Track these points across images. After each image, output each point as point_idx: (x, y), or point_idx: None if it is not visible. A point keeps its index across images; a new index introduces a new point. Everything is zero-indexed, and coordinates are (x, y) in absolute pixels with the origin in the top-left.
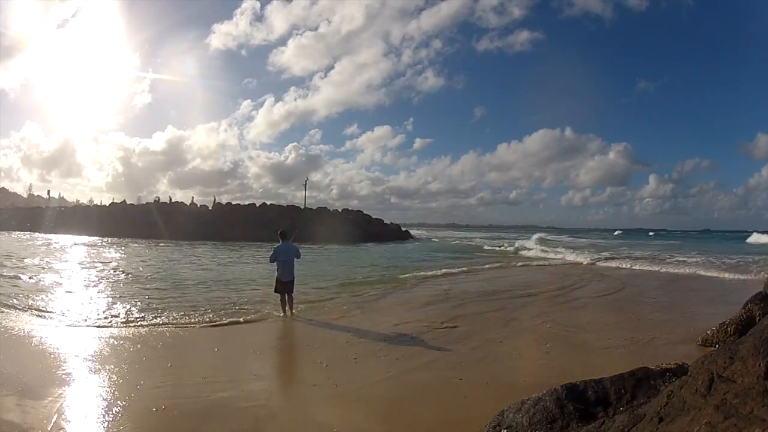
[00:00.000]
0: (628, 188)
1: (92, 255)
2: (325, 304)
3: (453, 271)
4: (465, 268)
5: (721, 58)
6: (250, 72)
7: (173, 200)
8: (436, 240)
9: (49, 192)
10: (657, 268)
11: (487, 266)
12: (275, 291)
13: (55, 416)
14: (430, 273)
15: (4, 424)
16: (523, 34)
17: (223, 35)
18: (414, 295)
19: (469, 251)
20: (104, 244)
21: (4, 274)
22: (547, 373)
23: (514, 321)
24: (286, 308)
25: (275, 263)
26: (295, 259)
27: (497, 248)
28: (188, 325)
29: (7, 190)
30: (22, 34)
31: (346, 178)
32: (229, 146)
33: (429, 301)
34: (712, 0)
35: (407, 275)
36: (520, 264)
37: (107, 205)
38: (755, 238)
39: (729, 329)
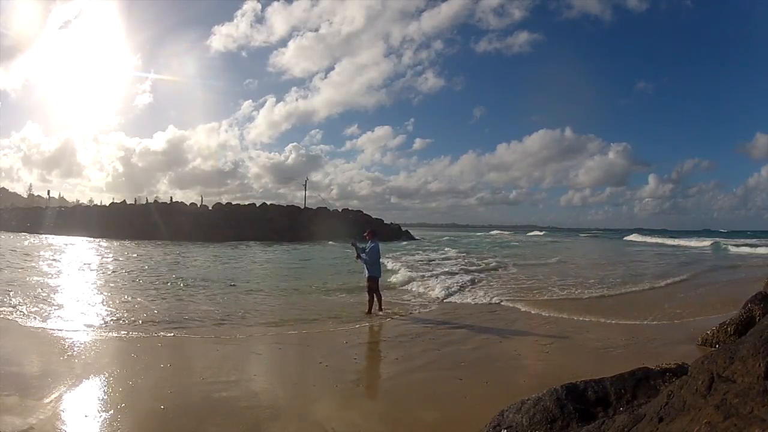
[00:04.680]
0: (627, 188)
1: (92, 256)
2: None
3: None
4: None
5: (720, 58)
6: (251, 73)
7: (173, 200)
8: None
9: (49, 192)
10: None
11: None
12: (370, 290)
13: (56, 416)
14: None
15: (5, 424)
16: (523, 35)
17: (223, 37)
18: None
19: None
20: (104, 245)
21: (4, 275)
22: (547, 373)
23: (515, 321)
24: (374, 306)
25: (364, 262)
26: None
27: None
28: (188, 327)
29: (7, 190)
30: (23, 35)
31: (346, 178)
32: (230, 146)
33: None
34: (711, 1)
35: None
36: None
37: (107, 205)
38: (633, 237)
39: (729, 329)
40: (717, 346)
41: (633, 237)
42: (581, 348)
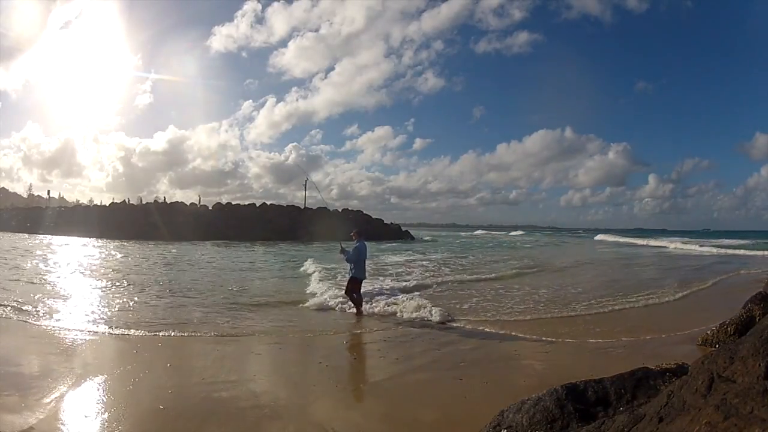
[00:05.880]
0: (627, 188)
1: (91, 256)
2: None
3: None
4: None
5: (720, 58)
6: (251, 73)
7: (174, 200)
8: None
9: (49, 192)
10: None
11: None
12: (349, 292)
13: (56, 416)
14: None
15: (5, 424)
16: (523, 35)
17: (223, 37)
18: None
19: None
20: (103, 245)
21: (4, 275)
22: (547, 373)
23: (515, 320)
24: (359, 307)
25: (349, 263)
26: None
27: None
28: (188, 327)
29: (7, 190)
30: (24, 35)
31: (346, 178)
32: (230, 146)
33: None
34: (711, 1)
35: None
36: None
37: (107, 205)
38: (600, 237)
39: (729, 329)
40: (717, 346)
41: (601, 237)
42: (581, 348)
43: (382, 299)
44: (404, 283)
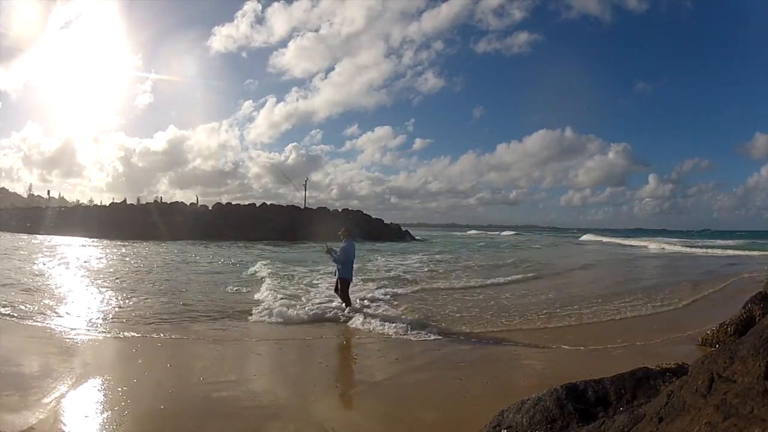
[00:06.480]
0: (627, 188)
1: (91, 256)
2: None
3: None
4: None
5: (719, 59)
6: (251, 73)
7: (173, 200)
8: None
9: (49, 192)
10: None
11: None
12: (338, 291)
13: (56, 416)
14: None
15: (5, 424)
16: (523, 35)
17: (223, 37)
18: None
19: None
20: (104, 245)
21: (4, 275)
22: (547, 373)
23: (515, 320)
24: (347, 307)
25: (336, 264)
26: None
27: None
28: (188, 327)
29: (7, 190)
30: (24, 36)
31: (346, 178)
32: (230, 146)
33: (429, 300)
34: (711, 1)
35: None
36: None
37: (107, 205)
38: (586, 237)
39: (729, 329)
40: (717, 346)
41: (588, 237)
42: (581, 348)
43: (364, 305)
44: (389, 289)
